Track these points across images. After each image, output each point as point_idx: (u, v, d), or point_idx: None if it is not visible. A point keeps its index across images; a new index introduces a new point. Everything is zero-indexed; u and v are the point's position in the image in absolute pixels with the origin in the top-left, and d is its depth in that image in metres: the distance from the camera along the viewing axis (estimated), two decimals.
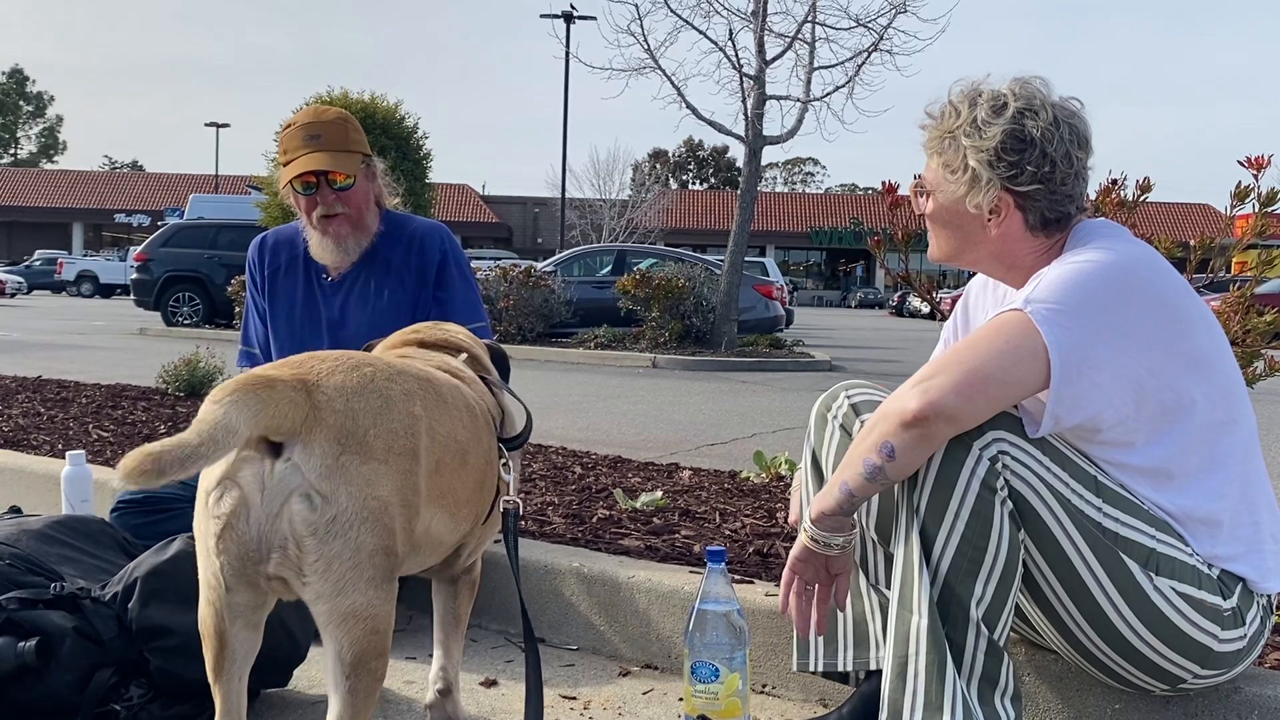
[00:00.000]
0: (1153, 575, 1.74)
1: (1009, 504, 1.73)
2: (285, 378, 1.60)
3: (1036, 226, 1.88)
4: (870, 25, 13.81)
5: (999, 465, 1.72)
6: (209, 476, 1.60)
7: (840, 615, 2.11)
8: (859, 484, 1.78)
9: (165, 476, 1.41)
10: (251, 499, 1.57)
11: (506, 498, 2.02)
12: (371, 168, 2.92)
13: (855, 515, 1.86)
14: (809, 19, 13.94)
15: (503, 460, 2.05)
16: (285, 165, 2.83)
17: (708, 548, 2.07)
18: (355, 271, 2.94)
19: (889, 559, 2.10)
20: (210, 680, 1.69)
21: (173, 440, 1.43)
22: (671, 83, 14.24)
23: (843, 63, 14.08)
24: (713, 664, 1.98)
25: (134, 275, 18.46)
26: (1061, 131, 1.82)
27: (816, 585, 1.90)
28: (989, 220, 1.88)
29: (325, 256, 2.89)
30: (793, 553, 1.90)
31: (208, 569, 1.64)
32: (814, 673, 2.15)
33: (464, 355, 2.19)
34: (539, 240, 59.32)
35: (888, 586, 2.09)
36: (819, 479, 2.08)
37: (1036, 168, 1.82)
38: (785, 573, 1.91)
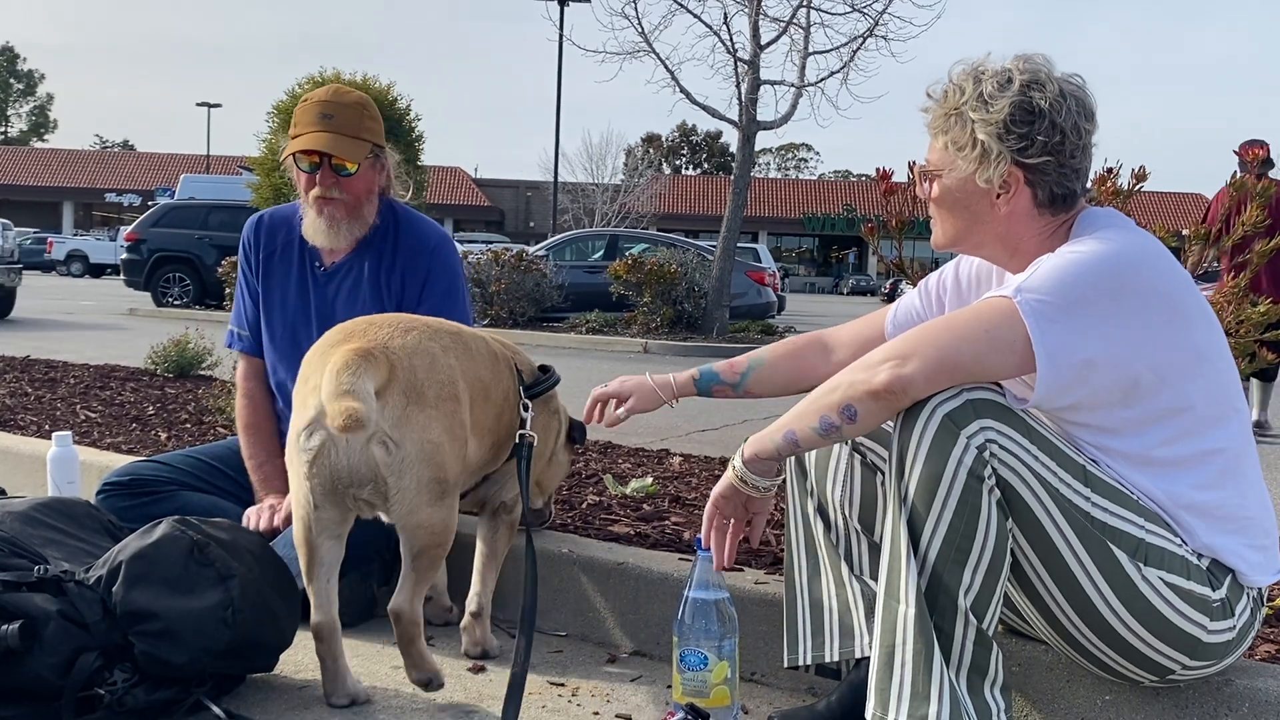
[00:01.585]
0: (1141, 565, 1.73)
1: (996, 492, 1.72)
2: (371, 347, 2.05)
3: (1044, 204, 1.86)
4: (865, 10, 13.80)
5: (986, 454, 1.71)
6: (299, 419, 2.07)
7: (826, 607, 2.10)
8: (808, 436, 1.83)
9: (363, 430, 1.94)
10: (337, 439, 2.02)
11: (522, 430, 2.44)
12: (381, 159, 2.88)
13: (785, 462, 1.98)
14: (804, 3, 13.90)
15: (522, 402, 2.47)
16: (292, 138, 2.80)
17: (698, 535, 2.06)
18: (348, 263, 2.90)
19: (873, 548, 2.09)
20: (305, 583, 2.15)
21: (352, 402, 1.92)
22: (665, 67, 14.21)
23: (837, 48, 14.08)
24: (702, 652, 1.97)
25: (124, 255, 18.38)
26: (1068, 103, 1.81)
27: (732, 520, 1.99)
28: (998, 197, 1.86)
29: (317, 237, 2.86)
30: (717, 489, 1.97)
31: (299, 491, 2.10)
32: (805, 668, 2.14)
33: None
34: (531, 224, 59.21)
35: (872, 577, 2.08)
36: None
37: (1046, 138, 1.80)
38: (708, 508, 1.99)
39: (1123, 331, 1.71)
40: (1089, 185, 1.91)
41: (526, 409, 2.46)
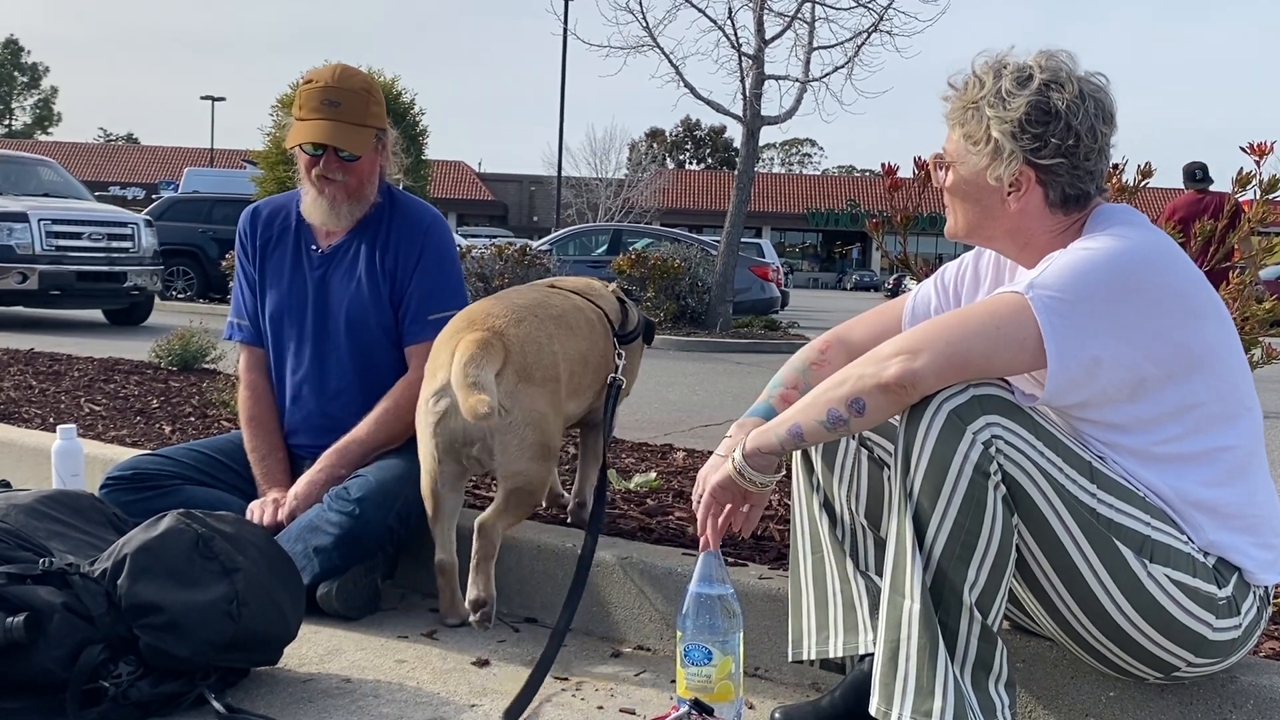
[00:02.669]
0: (1147, 562, 1.73)
1: (1002, 488, 1.72)
2: (490, 336, 2.47)
3: (1056, 203, 1.85)
4: (870, 5, 13.73)
5: (992, 449, 1.71)
6: (429, 387, 2.51)
7: (831, 603, 2.10)
8: (814, 430, 1.82)
9: (492, 418, 2.35)
10: (458, 405, 2.39)
11: (613, 374, 2.89)
12: (383, 141, 2.89)
13: (787, 458, 1.93)
14: None
15: (617, 350, 2.90)
16: (298, 121, 2.79)
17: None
18: (344, 244, 2.91)
19: (878, 544, 2.08)
20: (430, 526, 2.59)
21: (476, 395, 2.33)
22: (670, 61, 14.16)
23: (842, 43, 14.01)
24: (705, 647, 1.97)
25: None
26: (1087, 105, 1.79)
27: (728, 506, 1.96)
28: (1009, 194, 1.85)
29: (316, 215, 2.86)
30: (715, 480, 1.94)
31: (425, 449, 2.54)
32: (810, 662, 2.14)
33: (612, 286, 3.13)
34: (535, 219, 59.15)
35: (877, 573, 2.07)
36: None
37: (1060, 140, 1.79)
38: (706, 498, 1.96)
39: (1132, 329, 1.70)
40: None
41: (621, 356, 2.90)
